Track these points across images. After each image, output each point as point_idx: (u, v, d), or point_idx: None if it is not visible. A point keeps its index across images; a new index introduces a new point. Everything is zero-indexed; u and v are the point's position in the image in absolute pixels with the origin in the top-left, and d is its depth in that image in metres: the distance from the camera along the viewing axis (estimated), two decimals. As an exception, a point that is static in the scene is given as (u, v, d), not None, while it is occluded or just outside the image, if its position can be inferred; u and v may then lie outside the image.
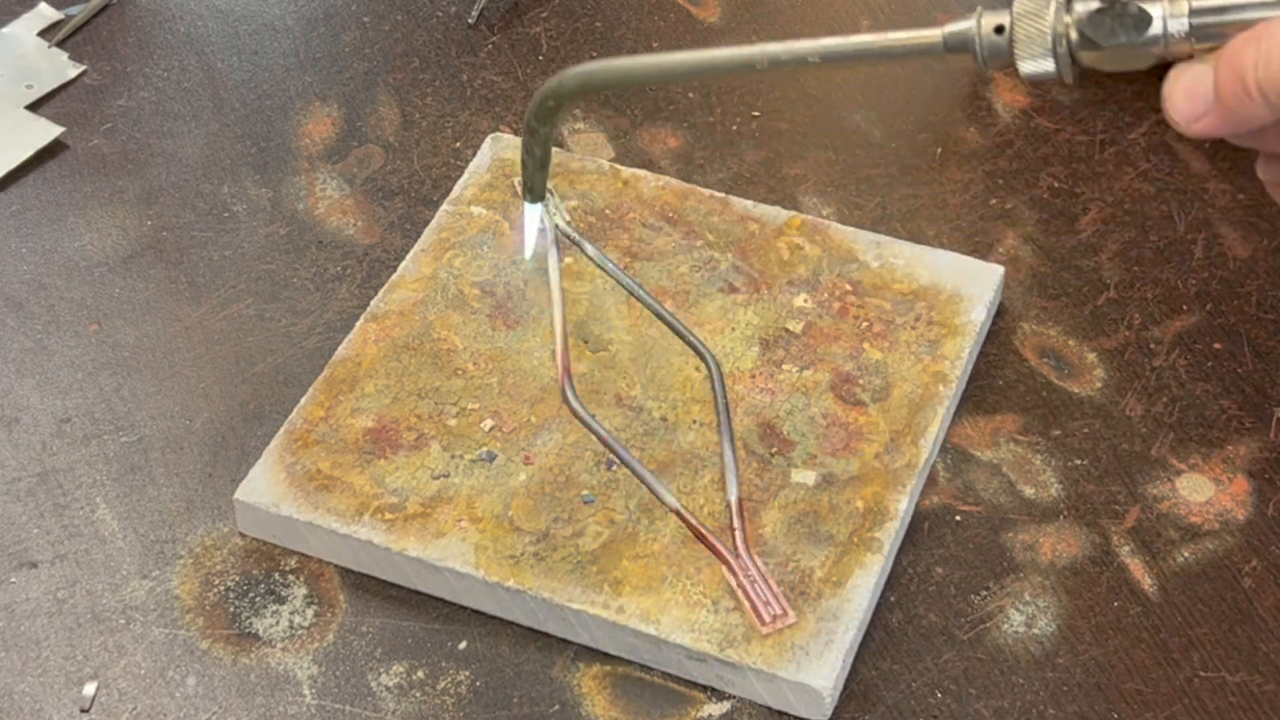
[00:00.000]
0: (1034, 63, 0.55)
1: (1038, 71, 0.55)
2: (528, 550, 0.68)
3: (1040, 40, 0.54)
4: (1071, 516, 0.71)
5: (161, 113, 0.87)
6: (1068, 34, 0.54)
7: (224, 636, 0.68)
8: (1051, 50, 0.54)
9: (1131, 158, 0.84)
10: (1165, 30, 0.53)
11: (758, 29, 0.91)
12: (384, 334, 0.75)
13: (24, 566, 0.70)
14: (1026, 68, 0.55)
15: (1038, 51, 0.54)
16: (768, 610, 0.66)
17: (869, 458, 0.71)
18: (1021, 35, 0.54)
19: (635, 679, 0.67)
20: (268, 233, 0.82)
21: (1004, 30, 0.55)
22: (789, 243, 0.78)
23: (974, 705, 0.66)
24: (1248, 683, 0.66)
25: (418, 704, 0.66)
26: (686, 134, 0.86)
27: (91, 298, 0.79)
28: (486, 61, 0.89)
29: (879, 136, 0.86)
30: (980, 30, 0.55)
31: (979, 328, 0.75)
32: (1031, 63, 0.55)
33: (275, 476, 0.70)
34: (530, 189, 0.66)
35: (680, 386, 0.73)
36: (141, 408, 0.75)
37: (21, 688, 0.67)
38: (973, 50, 0.55)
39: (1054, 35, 0.54)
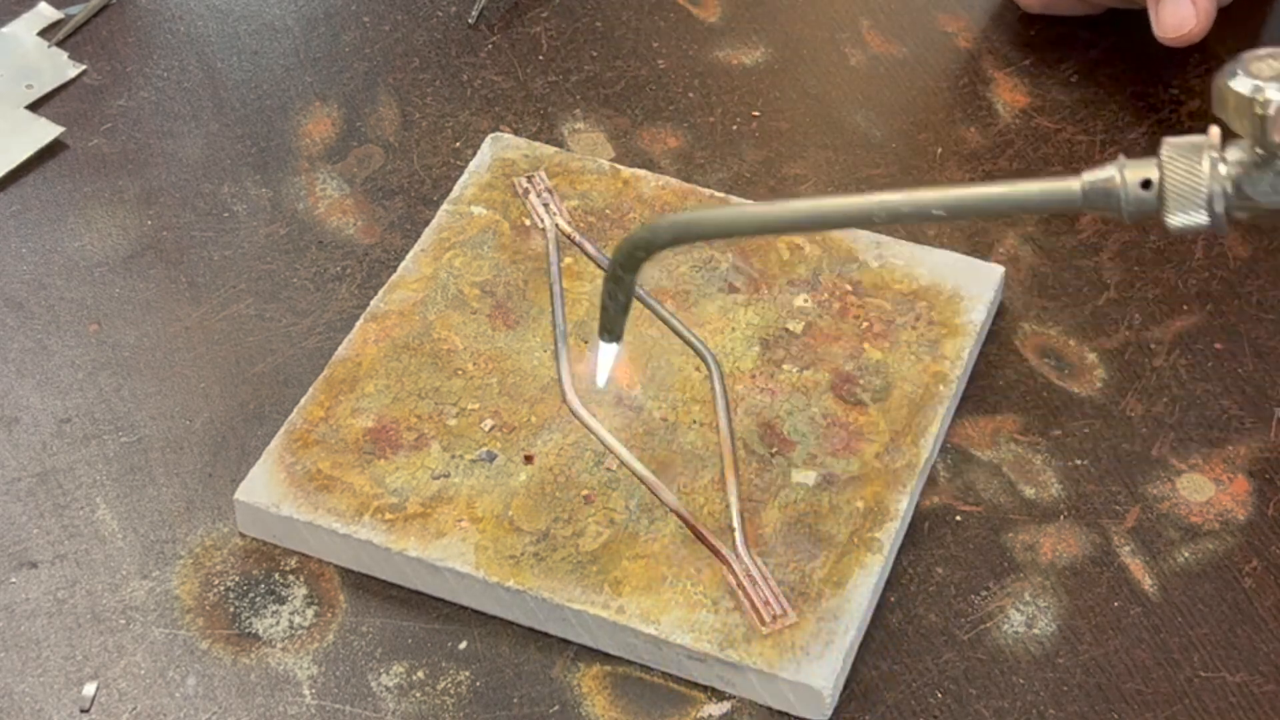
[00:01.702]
0: (1186, 216, 0.51)
1: (1189, 225, 0.52)
2: (528, 550, 0.68)
3: (1194, 196, 0.51)
4: (1071, 516, 0.71)
5: (161, 113, 0.87)
6: (1225, 189, 0.51)
7: (224, 636, 0.68)
8: (1207, 207, 0.51)
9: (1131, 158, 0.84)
10: None
11: (757, 29, 0.91)
12: (384, 334, 0.75)
13: (24, 566, 0.70)
14: (1176, 221, 0.52)
15: (1190, 207, 0.51)
16: (768, 610, 0.66)
17: (869, 458, 0.71)
18: (1173, 191, 0.51)
19: (635, 679, 0.67)
20: (268, 233, 0.82)
21: (1151, 185, 0.52)
22: (789, 243, 0.78)
23: (974, 705, 0.66)
24: (1248, 683, 0.66)
25: (418, 704, 0.66)
26: (686, 134, 0.86)
27: (91, 298, 0.79)
28: (486, 61, 0.89)
29: (879, 136, 0.86)
30: (1125, 184, 0.52)
31: (979, 328, 0.75)
32: (1183, 216, 0.52)
33: (275, 476, 0.70)
34: (609, 331, 0.64)
35: (680, 386, 0.73)
36: (141, 408, 0.75)
37: (21, 688, 0.67)
38: (1117, 205, 0.52)
39: (1210, 193, 0.51)
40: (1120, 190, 0.52)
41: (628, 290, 0.61)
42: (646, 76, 0.88)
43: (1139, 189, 0.52)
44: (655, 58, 0.89)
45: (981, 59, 0.89)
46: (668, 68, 0.89)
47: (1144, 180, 0.52)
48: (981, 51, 0.89)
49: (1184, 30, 0.79)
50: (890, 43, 0.90)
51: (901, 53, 0.89)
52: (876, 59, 0.89)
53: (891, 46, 0.90)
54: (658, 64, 0.89)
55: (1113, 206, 0.52)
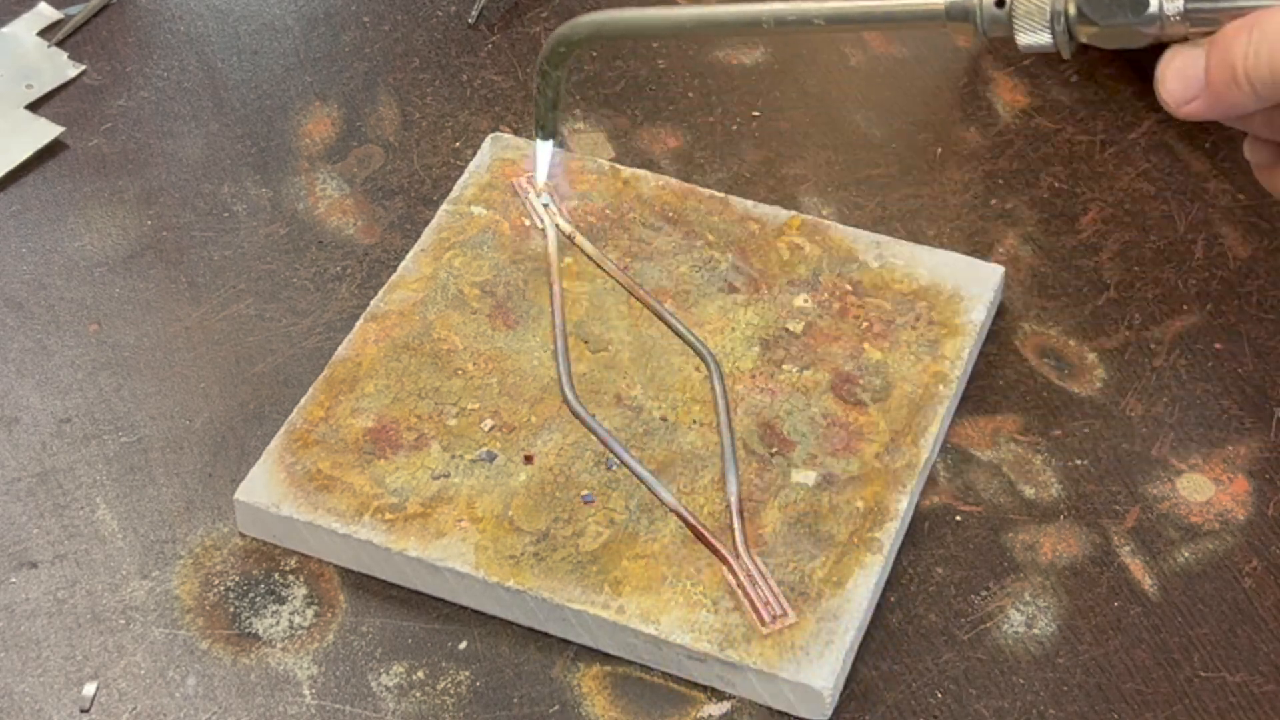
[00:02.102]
0: (1032, 35, 0.56)
1: (1035, 44, 0.56)
2: (528, 550, 0.68)
3: (1039, 15, 0.56)
4: (1071, 516, 0.71)
5: (161, 113, 0.87)
6: (1066, 9, 0.55)
7: (224, 636, 0.68)
8: (1050, 25, 0.56)
9: (1131, 158, 0.84)
10: (1161, 11, 0.54)
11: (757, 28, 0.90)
12: (384, 334, 0.75)
13: (24, 566, 0.70)
14: (1024, 39, 0.56)
15: (1036, 25, 0.56)
16: (768, 610, 0.66)
17: (869, 458, 0.71)
18: (1021, 9, 0.56)
19: (635, 679, 0.67)
20: (268, 233, 0.82)
21: (1004, 3, 0.56)
22: (789, 243, 0.78)
23: (974, 705, 0.66)
24: (1248, 683, 0.66)
25: (418, 704, 0.66)
26: (686, 134, 0.86)
27: (91, 298, 0.79)
28: (486, 61, 0.89)
29: (879, 136, 0.86)
30: (981, 1, 0.56)
31: (979, 328, 0.75)
32: (1029, 35, 0.56)
33: (275, 476, 0.70)
34: (542, 126, 0.70)
35: (680, 386, 0.73)
36: (141, 408, 0.75)
37: (21, 688, 0.67)
38: (973, 20, 0.57)
39: (1053, 11, 0.55)
40: (976, 7, 0.57)
41: (554, 86, 0.67)
42: (646, 76, 0.88)
43: (993, 7, 0.57)
44: (655, 58, 0.89)
45: (981, 59, 0.89)
46: (668, 68, 0.89)
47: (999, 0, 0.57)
48: (981, 51, 0.89)
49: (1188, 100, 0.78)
50: (890, 43, 0.90)
51: (901, 53, 0.89)
52: (876, 59, 0.89)
53: (891, 46, 0.90)
54: (658, 64, 0.89)
55: (970, 21, 0.57)
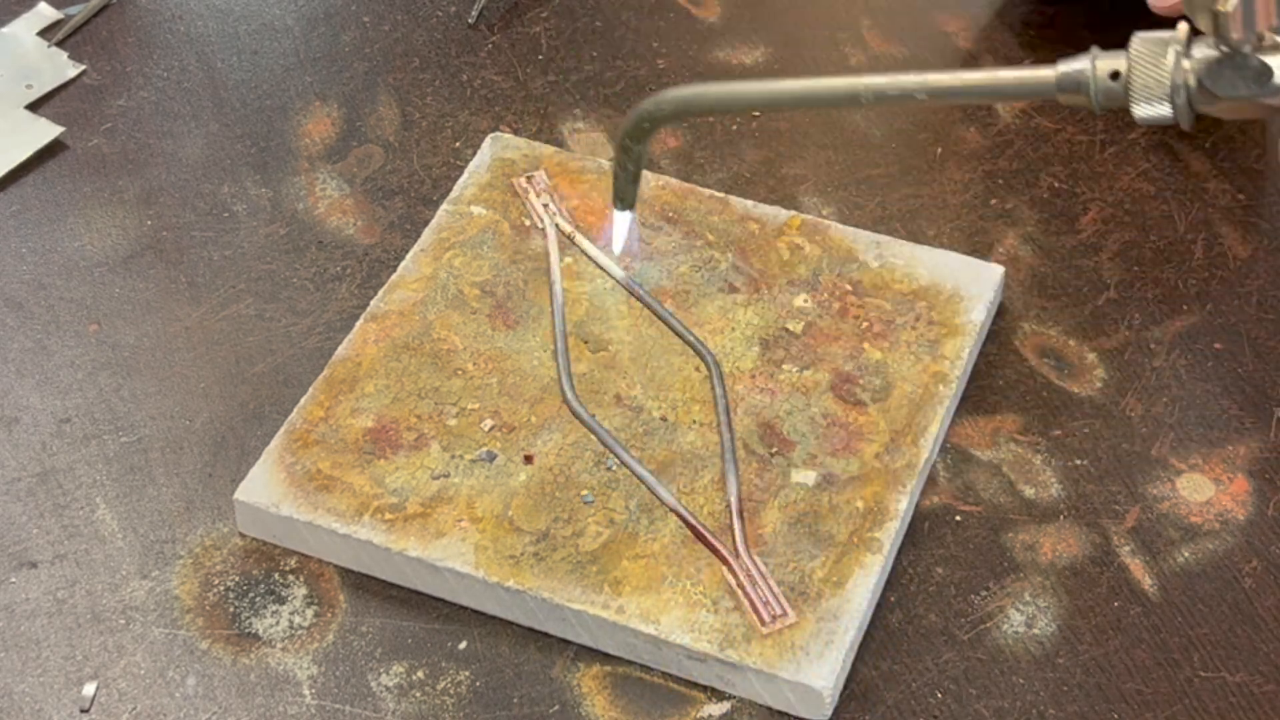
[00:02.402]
0: (1150, 107, 0.54)
1: (1153, 116, 0.54)
2: (528, 550, 0.68)
3: (1158, 88, 0.54)
4: (1071, 516, 0.71)
5: (161, 113, 0.87)
6: (1186, 82, 0.53)
7: (224, 636, 0.68)
8: (1169, 98, 0.54)
9: (1131, 158, 0.84)
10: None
11: (757, 29, 0.91)
12: (384, 334, 0.75)
13: (24, 566, 0.70)
14: (1141, 112, 0.54)
15: (1155, 97, 0.54)
16: (768, 610, 0.66)
17: (869, 458, 0.71)
18: (1139, 82, 0.54)
19: (635, 679, 0.67)
20: (268, 233, 0.82)
21: (1120, 76, 0.54)
22: (789, 243, 0.78)
23: (974, 705, 0.66)
24: (1248, 683, 0.66)
25: (418, 704, 0.66)
26: (686, 134, 0.86)
27: (91, 298, 0.79)
28: (486, 61, 0.89)
29: (879, 136, 0.86)
30: (1095, 74, 0.54)
31: (979, 328, 0.75)
32: (1147, 107, 0.54)
33: (275, 476, 0.70)
34: (621, 199, 0.69)
35: (680, 386, 0.73)
36: (141, 408, 0.75)
37: (21, 688, 0.67)
38: (1086, 92, 0.55)
39: (1173, 84, 0.53)
40: (1090, 80, 0.55)
41: (636, 160, 0.66)
42: (646, 76, 0.88)
43: (1108, 79, 0.55)
44: (655, 58, 0.89)
45: (981, 59, 0.89)
46: (668, 68, 0.89)
47: (1113, 71, 0.55)
48: (981, 51, 0.89)
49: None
50: (890, 43, 0.90)
51: (901, 53, 0.89)
52: (876, 59, 0.89)
53: (891, 46, 0.90)
54: (658, 64, 0.89)
55: (1084, 94, 0.55)
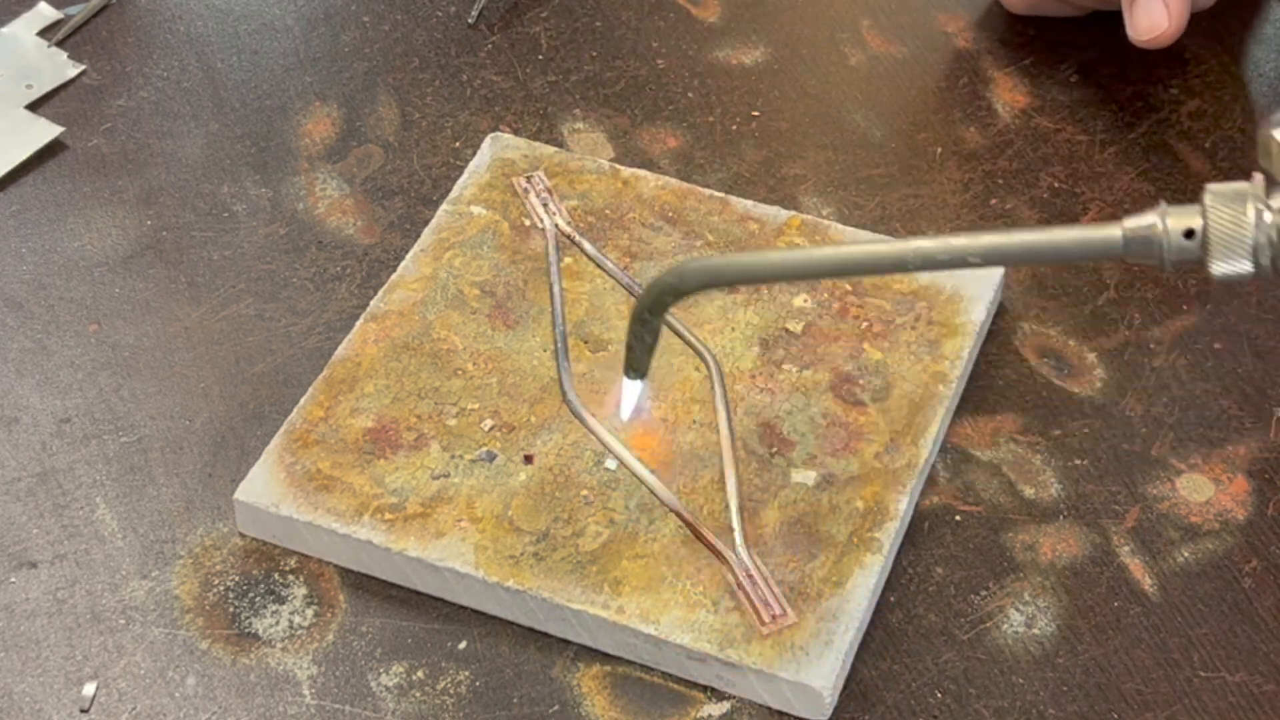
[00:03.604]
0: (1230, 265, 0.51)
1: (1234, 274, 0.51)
2: (528, 550, 0.68)
3: (1239, 246, 0.50)
4: (1071, 516, 0.71)
5: (161, 113, 0.87)
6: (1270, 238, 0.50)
7: (224, 636, 0.68)
8: (1252, 256, 0.50)
9: (1131, 158, 0.84)
10: None
11: (757, 29, 0.91)
12: (384, 334, 0.75)
13: (24, 566, 0.70)
14: (1220, 270, 0.51)
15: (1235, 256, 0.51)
16: (768, 610, 0.66)
17: (869, 458, 0.71)
18: (1217, 240, 0.51)
19: (635, 679, 0.67)
20: (268, 233, 0.82)
21: (1195, 234, 0.51)
22: (789, 243, 0.78)
23: (974, 705, 0.66)
24: (1248, 683, 0.66)
25: (418, 704, 0.66)
26: (686, 134, 0.86)
27: (91, 298, 0.79)
28: (486, 61, 0.89)
29: (879, 136, 0.86)
30: (1168, 232, 0.51)
31: (979, 328, 0.75)
32: (1227, 265, 0.51)
33: (275, 476, 0.70)
34: (635, 368, 0.65)
35: (680, 386, 0.73)
36: (141, 408, 0.75)
37: (21, 688, 0.67)
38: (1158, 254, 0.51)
39: (1255, 242, 0.50)
40: (1162, 239, 0.51)
41: (654, 332, 0.62)
42: (646, 76, 0.88)
43: (1181, 238, 0.51)
44: (655, 58, 0.89)
45: (981, 59, 0.89)
46: (668, 68, 0.89)
47: (1187, 230, 0.51)
48: (981, 51, 0.89)
49: (1156, 32, 0.80)
50: (890, 43, 0.90)
51: (901, 53, 0.89)
52: (876, 59, 0.89)
53: (891, 46, 0.90)
54: (658, 64, 0.89)
55: (1154, 255, 0.51)
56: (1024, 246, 0.53)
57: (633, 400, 0.69)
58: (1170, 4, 0.79)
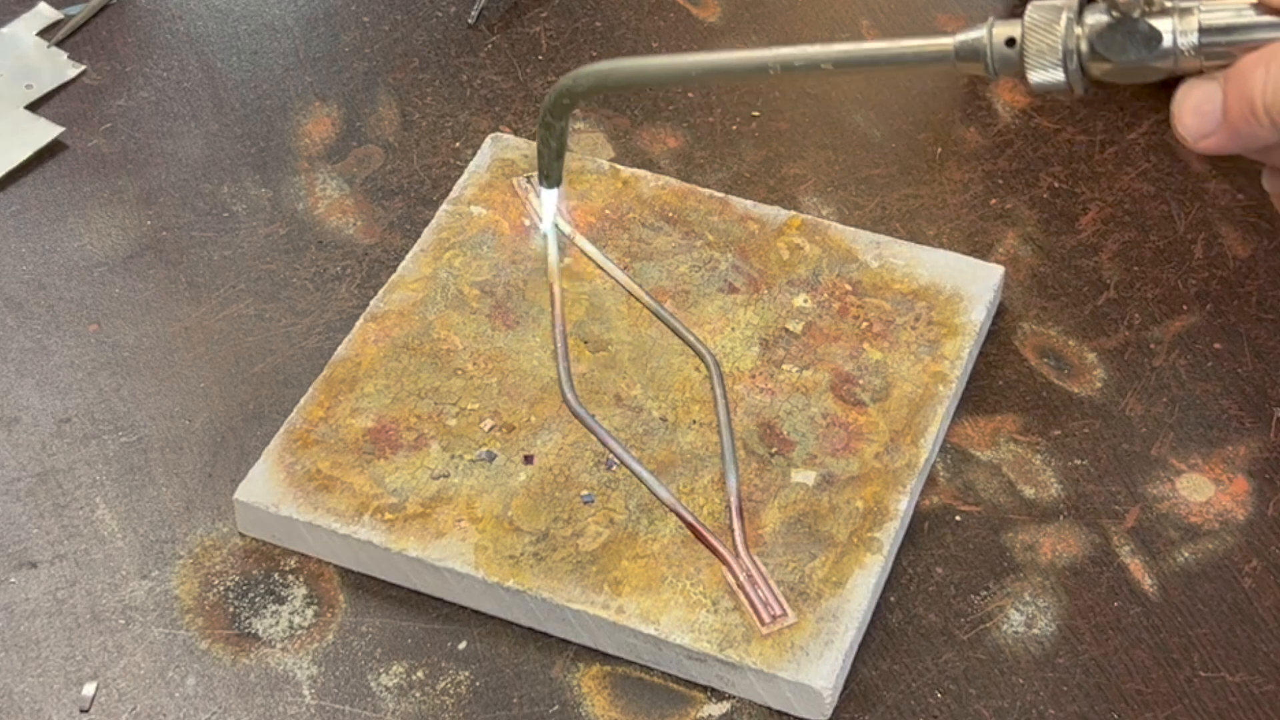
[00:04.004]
0: (1044, 74, 0.55)
1: (1047, 82, 0.55)
2: (527, 550, 0.68)
3: (1051, 54, 0.54)
4: (1071, 516, 0.71)
5: (161, 113, 0.87)
6: (1079, 47, 0.54)
7: (224, 636, 0.68)
8: (1062, 63, 0.54)
9: (1131, 158, 0.84)
10: (1175, 47, 0.53)
11: (757, 29, 0.91)
12: (384, 334, 0.75)
13: (24, 566, 0.70)
14: (1036, 78, 0.55)
15: (1048, 63, 0.55)
16: (767, 610, 0.66)
17: (869, 458, 0.71)
18: (1032, 48, 0.55)
19: (635, 679, 0.67)
20: (268, 233, 0.82)
21: (1015, 43, 0.55)
22: (789, 243, 0.78)
23: (974, 705, 0.66)
24: (1248, 683, 0.66)
25: (417, 704, 0.66)
26: (686, 134, 0.86)
27: (91, 298, 0.79)
28: (486, 61, 0.89)
29: (879, 136, 0.86)
30: (991, 41, 0.55)
31: (979, 328, 0.75)
32: (1041, 73, 0.55)
33: (275, 476, 0.70)
34: (547, 176, 0.68)
35: (680, 386, 0.73)
36: (141, 408, 0.75)
37: (21, 688, 0.67)
38: (984, 60, 0.56)
39: (1065, 49, 0.54)
40: (986, 47, 0.55)
41: (559, 136, 0.65)
42: (646, 76, 0.88)
43: (1004, 46, 0.55)
44: (655, 58, 0.89)
45: (981, 59, 0.89)
46: (668, 68, 0.89)
47: (1008, 39, 0.55)
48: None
49: None
50: (890, 43, 0.90)
51: (901, 53, 0.89)
52: (876, 59, 0.89)
53: (891, 46, 0.89)
54: (658, 64, 0.89)
55: (980, 61, 0.56)
56: (867, 54, 0.58)
57: (551, 208, 0.71)
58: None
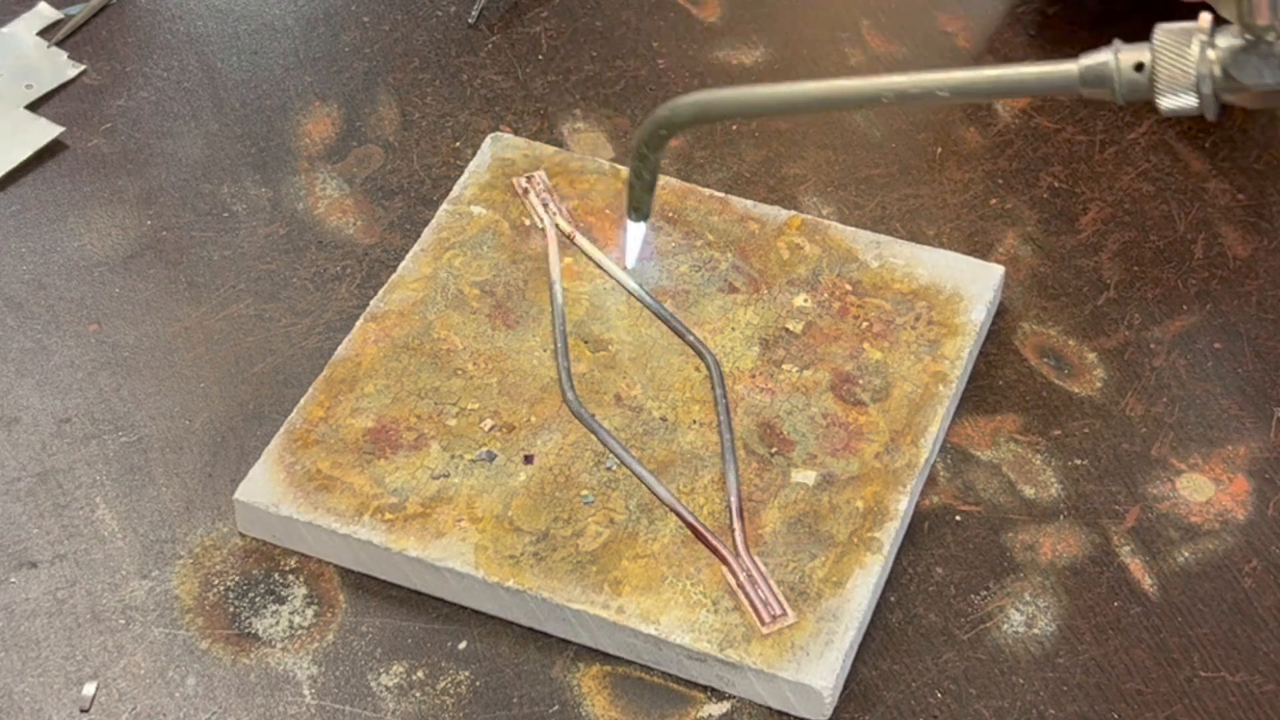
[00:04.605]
0: (1175, 99, 0.53)
1: (1179, 107, 0.53)
2: (528, 550, 0.68)
3: (1183, 79, 0.53)
4: (1071, 516, 0.71)
5: (161, 113, 0.87)
6: (1212, 72, 0.52)
7: (224, 636, 0.68)
8: (1195, 88, 0.53)
9: (1131, 158, 0.84)
10: None
11: (758, 28, 0.91)
12: (384, 334, 0.75)
13: (24, 566, 0.70)
14: (1167, 103, 0.54)
15: (1180, 89, 0.53)
16: (768, 610, 0.66)
17: (869, 458, 0.71)
18: (1163, 74, 0.53)
19: (635, 679, 0.67)
20: (268, 233, 0.82)
21: (1144, 68, 0.53)
22: (789, 242, 0.78)
23: (974, 705, 0.66)
24: (1248, 683, 0.66)
25: (417, 704, 0.66)
26: (686, 134, 0.86)
27: (91, 298, 0.79)
28: (486, 61, 0.89)
29: (879, 136, 0.86)
30: (1119, 66, 0.54)
31: (979, 327, 0.75)
32: (1172, 99, 0.53)
33: (275, 476, 0.70)
34: (636, 209, 0.66)
35: (680, 386, 0.73)
36: (141, 408, 0.75)
37: (21, 688, 0.67)
38: (1110, 86, 0.54)
39: (1198, 75, 0.53)
40: (1114, 73, 0.54)
41: (652, 168, 0.64)
42: (646, 76, 0.88)
43: (1132, 71, 0.54)
44: (655, 58, 0.89)
45: (981, 59, 0.89)
46: (668, 68, 0.89)
47: (1137, 64, 0.54)
48: (981, 51, 0.89)
49: None
50: (890, 43, 0.90)
51: (901, 53, 0.89)
52: (876, 59, 0.89)
53: (891, 46, 0.90)
54: (658, 64, 0.89)
55: (1107, 87, 0.54)
56: (989, 81, 0.56)
57: (637, 244, 0.69)
58: None
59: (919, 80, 0.56)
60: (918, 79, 0.56)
